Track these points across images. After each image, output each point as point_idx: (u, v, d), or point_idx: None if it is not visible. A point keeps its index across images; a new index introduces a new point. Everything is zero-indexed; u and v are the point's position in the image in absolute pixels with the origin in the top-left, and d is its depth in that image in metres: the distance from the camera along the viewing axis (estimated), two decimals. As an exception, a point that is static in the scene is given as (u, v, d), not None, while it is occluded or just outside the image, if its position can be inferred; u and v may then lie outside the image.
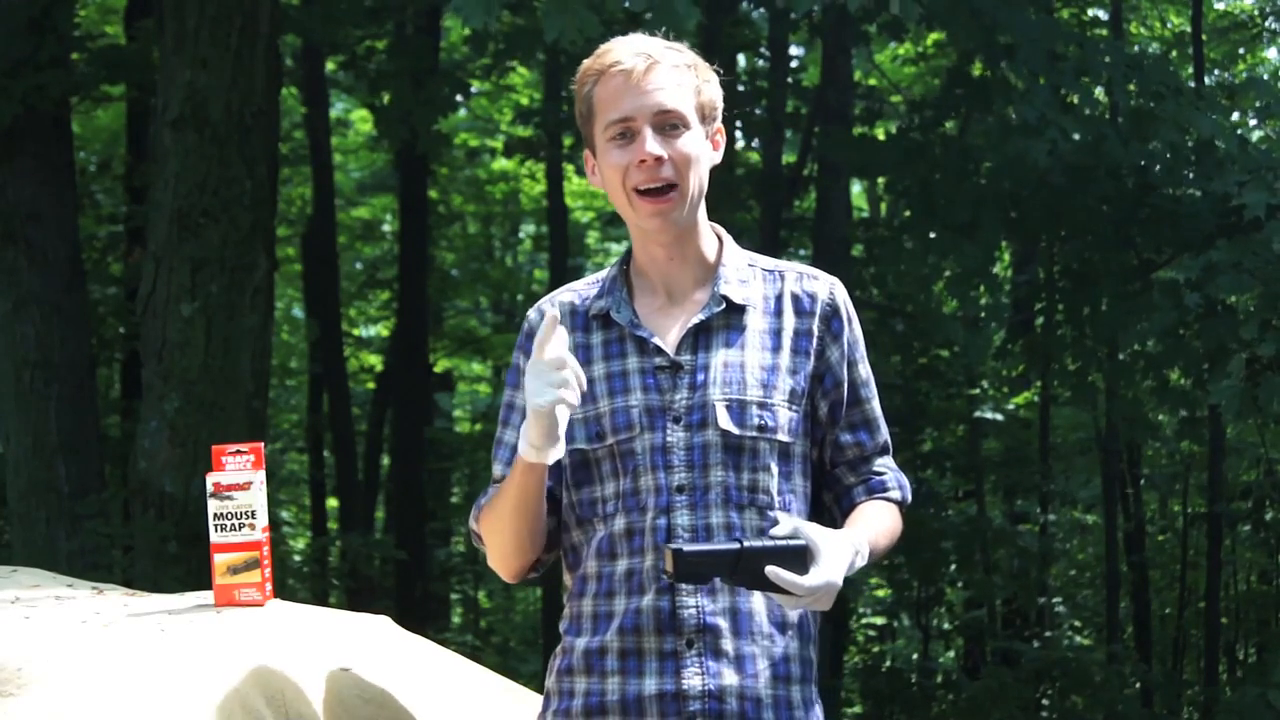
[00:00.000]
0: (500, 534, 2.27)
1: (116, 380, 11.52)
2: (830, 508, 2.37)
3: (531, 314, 2.37)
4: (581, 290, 2.37)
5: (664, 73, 2.23)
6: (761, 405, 2.24)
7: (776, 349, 2.28)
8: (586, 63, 2.28)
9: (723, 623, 2.20)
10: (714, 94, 2.30)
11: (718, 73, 2.33)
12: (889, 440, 2.40)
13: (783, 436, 2.25)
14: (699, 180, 2.26)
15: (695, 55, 2.30)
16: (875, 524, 2.26)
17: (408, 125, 9.46)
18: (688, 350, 2.26)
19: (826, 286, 2.33)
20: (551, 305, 2.33)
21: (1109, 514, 12.81)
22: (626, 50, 2.25)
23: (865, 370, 2.36)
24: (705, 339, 2.27)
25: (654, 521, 2.21)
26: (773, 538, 2.07)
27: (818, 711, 2.27)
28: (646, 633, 2.20)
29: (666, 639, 2.19)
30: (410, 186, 13.11)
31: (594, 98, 2.26)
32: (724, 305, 2.28)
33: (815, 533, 2.07)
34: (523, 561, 2.30)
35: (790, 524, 2.08)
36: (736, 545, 2.04)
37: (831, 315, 2.32)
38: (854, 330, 2.35)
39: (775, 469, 2.25)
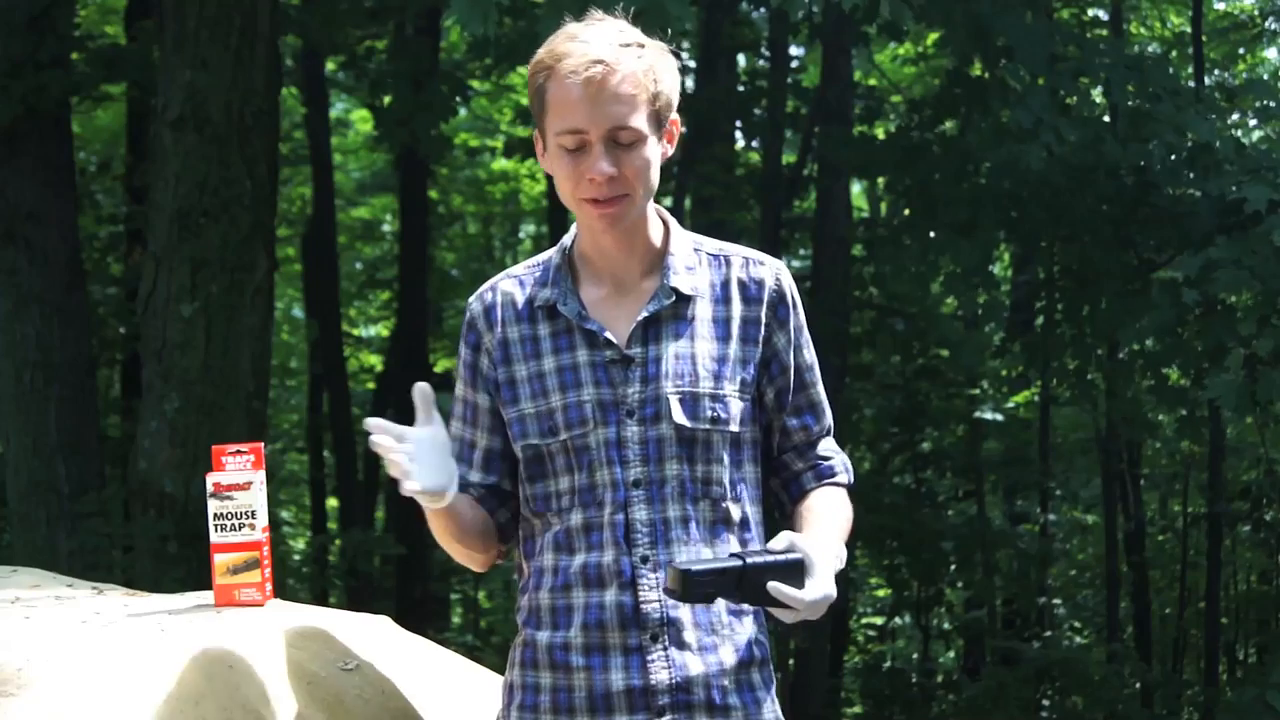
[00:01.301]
0: (449, 548, 2.31)
1: (116, 380, 11.51)
2: (777, 492, 2.39)
3: (472, 303, 2.35)
4: (523, 275, 2.35)
5: (619, 81, 2.18)
6: (714, 397, 2.25)
7: (726, 338, 2.29)
8: (540, 54, 2.23)
9: (684, 616, 2.22)
10: (670, 92, 2.26)
11: (675, 56, 2.28)
12: (832, 423, 2.41)
13: (734, 427, 2.27)
14: (650, 185, 2.25)
15: (655, 49, 2.24)
16: (839, 520, 2.29)
17: (408, 129, 9.46)
18: (638, 343, 2.26)
19: (773, 272, 2.34)
20: (492, 292, 2.33)
21: (1109, 514, 12.82)
22: (582, 57, 2.18)
23: (810, 355, 2.37)
24: (655, 330, 2.27)
25: (612, 517, 2.22)
26: (770, 552, 2.07)
27: (772, 692, 2.30)
28: (610, 628, 2.21)
29: (631, 634, 2.21)
30: (410, 186, 13.11)
31: (546, 94, 2.22)
32: (673, 297, 2.28)
33: (808, 545, 2.09)
34: (483, 559, 2.34)
35: (786, 538, 2.09)
36: (739, 562, 2.04)
37: (778, 302, 2.32)
38: (799, 316, 2.35)
39: (727, 459, 2.26)
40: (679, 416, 2.23)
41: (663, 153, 2.28)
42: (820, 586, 2.05)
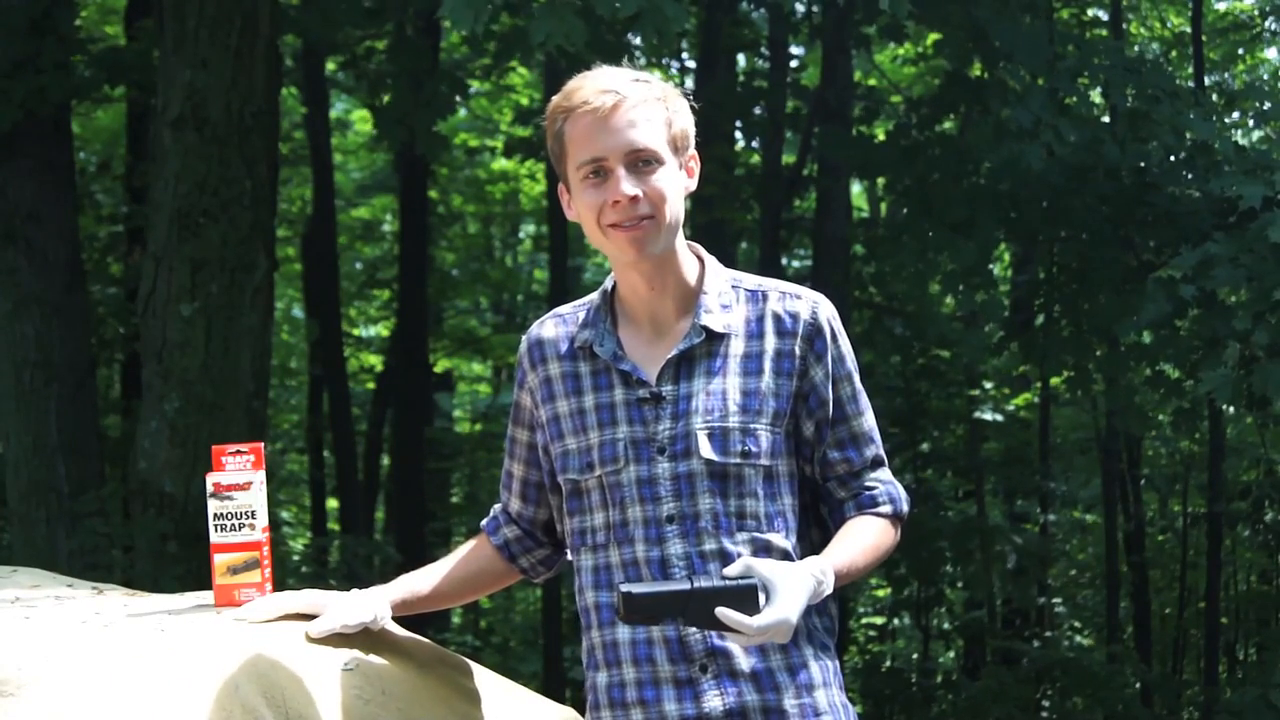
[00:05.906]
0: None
1: (116, 380, 11.51)
2: (827, 521, 2.40)
3: (521, 342, 2.44)
4: (568, 315, 2.41)
5: (632, 109, 2.24)
6: (744, 431, 2.27)
7: (758, 372, 2.30)
8: (555, 100, 2.29)
9: (733, 645, 2.23)
10: (685, 123, 2.32)
11: (688, 99, 2.35)
12: (882, 454, 2.41)
13: (765, 460, 2.28)
14: (675, 211, 2.28)
15: (665, 86, 2.31)
16: (854, 543, 2.28)
17: (407, 126, 9.47)
18: (669, 380, 2.29)
19: (809, 305, 2.34)
20: (538, 331, 2.41)
21: (1109, 514, 12.82)
22: (593, 88, 2.25)
23: (854, 386, 2.37)
24: (687, 368, 2.29)
25: (648, 553, 2.25)
26: (725, 578, 2.09)
27: (842, 717, 2.30)
28: (660, 662, 2.25)
29: (680, 667, 2.24)
30: (410, 186, 13.11)
31: (565, 136, 2.27)
32: (704, 335, 2.30)
33: (769, 570, 2.09)
34: (503, 585, 2.54)
35: (743, 564, 2.10)
36: (687, 586, 2.07)
37: (814, 334, 2.32)
38: (839, 347, 2.35)
39: (761, 492, 2.27)
40: (707, 451, 2.25)
41: (685, 185, 2.32)
42: (777, 612, 2.05)
